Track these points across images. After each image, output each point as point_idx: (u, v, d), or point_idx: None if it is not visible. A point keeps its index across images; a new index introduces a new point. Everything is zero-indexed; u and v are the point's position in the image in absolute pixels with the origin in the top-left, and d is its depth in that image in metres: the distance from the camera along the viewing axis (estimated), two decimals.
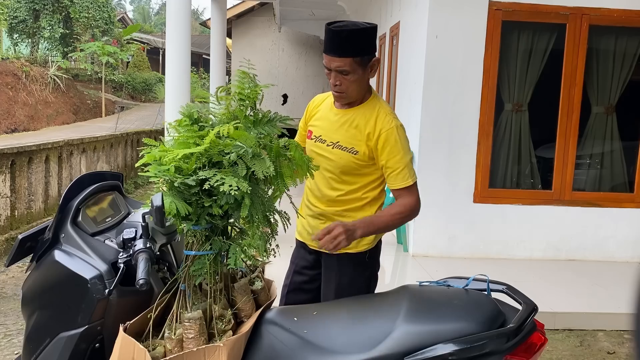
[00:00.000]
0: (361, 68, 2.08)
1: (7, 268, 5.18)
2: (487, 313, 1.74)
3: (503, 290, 1.94)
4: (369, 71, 2.12)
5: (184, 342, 1.64)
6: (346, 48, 2.04)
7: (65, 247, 1.84)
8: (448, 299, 1.83)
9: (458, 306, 1.79)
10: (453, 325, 1.65)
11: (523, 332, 1.69)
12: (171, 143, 1.77)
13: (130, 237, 1.79)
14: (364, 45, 2.07)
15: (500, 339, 1.65)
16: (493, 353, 1.63)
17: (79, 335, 1.77)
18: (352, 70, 2.06)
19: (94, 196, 2.00)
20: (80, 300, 1.78)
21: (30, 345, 1.87)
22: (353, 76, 2.07)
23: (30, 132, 13.74)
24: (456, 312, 1.75)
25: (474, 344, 1.61)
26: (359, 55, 2.06)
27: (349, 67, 2.05)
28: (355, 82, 2.09)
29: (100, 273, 1.77)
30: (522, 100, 5.33)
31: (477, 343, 1.61)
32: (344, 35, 2.04)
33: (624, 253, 5.30)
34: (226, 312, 1.74)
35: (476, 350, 1.61)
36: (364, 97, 2.20)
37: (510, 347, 1.65)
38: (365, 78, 2.12)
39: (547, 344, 1.82)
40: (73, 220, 1.89)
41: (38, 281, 1.90)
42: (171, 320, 1.70)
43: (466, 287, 1.92)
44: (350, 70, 2.06)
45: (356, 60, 2.05)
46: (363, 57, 2.07)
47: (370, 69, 2.12)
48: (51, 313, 1.85)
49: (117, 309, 1.79)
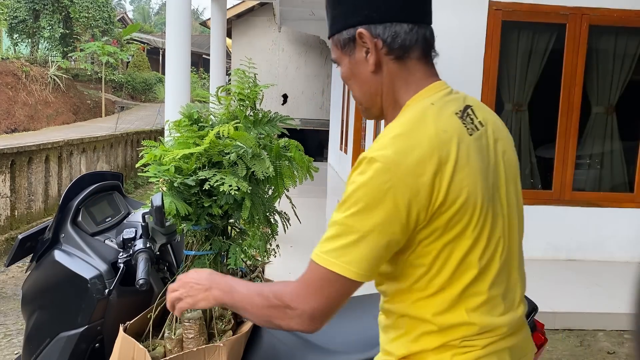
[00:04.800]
0: (345, 55, 1.18)
1: (7, 268, 5.17)
2: None
3: None
4: (358, 58, 1.16)
5: (183, 342, 1.64)
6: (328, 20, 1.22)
7: (65, 247, 1.84)
8: None
9: None
10: None
11: None
12: (171, 143, 1.77)
13: (130, 237, 1.78)
14: (338, 13, 1.18)
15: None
16: None
17: (79, 335, 1.77)
18: (338, 60, 1.22)
19: (94, 196, 2.00)
20: (80, 300, 1.78)
21: (30, 345, 1.87)
22: (343, 71, 1.22)
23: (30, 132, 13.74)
24: None
25: None
26: (334, 32, 1.19)
27: (334, 55, 1.22)
28: (352, 82, 1.20)
29: (100, 273, 1.77)
30: (522, 100, 5.33)
31: None
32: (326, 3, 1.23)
33: (624, 253, 5.30)
34: (226, 312, 1.74)
35: None
36: (388, 108, 1.20)
37: None
38: (363, 72, 1.17)
39: (547, 344, 1.81)
40: (73, 220, 1.88)
41: (38, 281, 1.90)
42: (171, 320, 1.70)
43: None
44: (337, 61, 1.22)
45: (334, 40, 1.20)
46: (341, 32, 1.17)
47: (356, 54, 1.16)
48: (51, 313, 1.85)
49: (117, 309, 1.79)
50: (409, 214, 1.03)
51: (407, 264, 1.11)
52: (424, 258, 1.08)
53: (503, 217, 1.15)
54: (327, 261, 1.06)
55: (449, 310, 1.09)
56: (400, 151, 1.04)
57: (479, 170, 1.09)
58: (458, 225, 1.06)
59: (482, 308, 1.10)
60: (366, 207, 1.03)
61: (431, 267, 1.08)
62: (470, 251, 1.08)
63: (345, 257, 1.05)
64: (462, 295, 1.09)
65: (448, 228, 1.06)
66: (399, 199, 1.02)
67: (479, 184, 1.08)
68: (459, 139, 1.08)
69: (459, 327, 1.10)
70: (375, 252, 1.05)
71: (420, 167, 1.03)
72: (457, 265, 1.08)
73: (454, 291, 1.09)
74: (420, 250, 1.08)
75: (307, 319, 1.10)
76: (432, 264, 1.08)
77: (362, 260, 1.05)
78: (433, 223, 1.05)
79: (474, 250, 1.08)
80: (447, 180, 1.04)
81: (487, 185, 1.10)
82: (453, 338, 1.10)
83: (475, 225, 1.07)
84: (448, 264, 1.08)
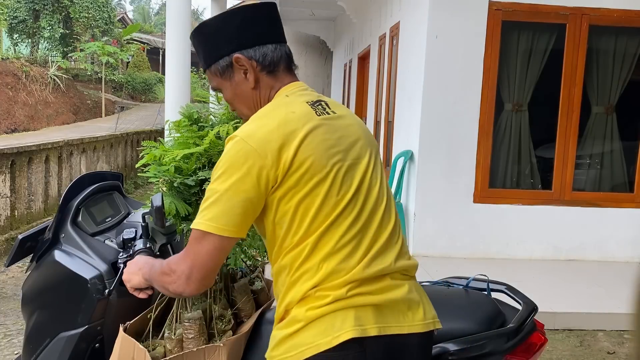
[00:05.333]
0: (225, 80, 1.44)
1: (7, 268, 5.18)
2: (486, 313, 1.73)
3: (503, 290, 1.94)
4: (238, 80, 1.42)
5: (184, 342, 1.64)
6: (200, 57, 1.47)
7: (65, 247, 1.85)
8: (448, 299, 1.82)
9: (458, 306, 1.79)
10: (452, 325, 1.63)
11: (523, 332, 1.69)
12: (171, 143, 1.77)
13: (130, 237, 1.78)
14: (209, 50, 1.43)
15: (500, 339, 1.65)
16: (493, 353, 1.63)
17: (79, 335, 1.77)
18: (219, 86, 1.47)
19: (94, 196, 2.00)
20: (80, 300, 1.78)
21: (30, 345, 1.87)
22: (227, 95, 1.47)
23: (30, 132, 13.74)
24: (456, 312, 1.74)
25: (473, 344, 1.61)
26: (211, 63, 1.44)
27: (214, 83, 1.47)
28: (237, 101, 1.46)
29: (100, 273, 1.77)
30: (522, 100, 5.33)
31: (476, 343, 1.61)
32: (193, 41, 1.48)
33: (624, 253, 5.30)
34: (226, 312, 1.74)
35: (476, 350, 1.61)
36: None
37: (510, 347, 1.65)
38: (245, 90, 1.42)
39: (547, 344, 1.82)
40: (73, 221, 1.89)
41: (38, 281, 1.90)
42: (171, 321, 1.70)
43: (466, 287, 1.92)
44: (218, 87, 1.48)
45: (212, 71, 1.45)
46: (217, 61, 1.42)
47: (235, 77, 1.42)
48: (51, 313, 1.85)
49: (117, 309, 1.80)
50: (259, 175, 1.25)
51: (274, 226, 1.31)
52: (285, 216, 1.29)
53: (360, 181, 1.34)
54: (196, 223, 1.27)
55: (307, 259, 1.28)
56: (255, 127, 1.30)
57: (327, 142, 1.31)
58: (308, 184, 1.27)
59: (334, 256, 1.27)
60: (225, 172, 1.26)
61: (292, 223, 1.29)
62: (321, 207, 1.27)
63: (208, 215, 1.26)
64: (317, 244, 1.28)
65: (299, 187, 1.27)
66: (250, 162, 1.25)
67: (326, 152, 1.30)
68: (306, 118, 1.32)
69: (313, 274, 1.27)
70: (232, 209, 1.25)
71: (268, 137, 1.27)
72: (312, 218, 1.28)
73: (310, 241, 1.28)
74: (281, 208, 1.29)
75: (185, 279, 1.29)
76: (292, 220, 1.28)
77: (221, 215, 1.25)
78: (285, 183, 1.27)
79: (324, 205, 1.28)
80: (294, 147, 1.26)
81: (337, 158, 1.32)
82: (309, 287, 1.27)
83: (324, 184, 1.28)
84: (305, 219, 1.28)
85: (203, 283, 1.29)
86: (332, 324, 1.25)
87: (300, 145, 1.27)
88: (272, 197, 1.28)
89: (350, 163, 1.34)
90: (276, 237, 1.32)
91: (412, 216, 5.19)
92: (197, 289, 1.30)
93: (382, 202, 1.39)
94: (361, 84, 9.61)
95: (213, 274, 1.31)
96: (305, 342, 1.26)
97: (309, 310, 1.26)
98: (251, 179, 1.25)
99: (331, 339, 1.24)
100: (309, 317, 1.26)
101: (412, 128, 5.43)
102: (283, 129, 1.28)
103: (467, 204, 5.23)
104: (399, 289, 1.33)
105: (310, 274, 1.27)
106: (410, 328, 1.31)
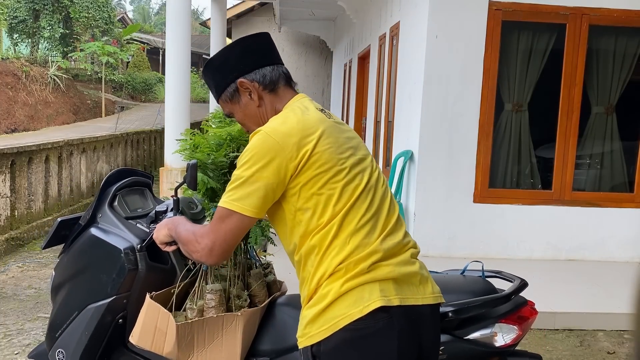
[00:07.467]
0: (234, 104, 1.67)
1: (7, 268, 5.18)
2: (481, 289, 1.97)
3: (497, 275, 2.17)
4: (245, 102, 1.66)
5: (204, 312, 1.80)
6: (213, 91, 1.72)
7: (102, 225, 2.04)
8: (447, 280, 2.01)
9: (456, 284, 2.01)
10: (450, 296, 1.78)
11: (513, 301, 1.93)
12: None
13: (162, 210, 1.99)
14: (218, 80, 1.67)
15: (493, 302, 1.89)
16: (487, 317, 1.88)
17: (106, 306, 1.94)
18: (231, 112, 1.71)
19: (129, 188, 2.18)
20: (112, 270, 1.95)
21: (57, 321, 2.03)
22: (239, 117, 1.70)
23: (30, 132, 13.74)
24: (454, 288, 1.94)
25: (470, 306, 1.84)
26: (221, 92, 1.68)
27: (227, 110, 1.71)
28: (247, 120, 1.69)
29: (133, 245, 1.96)
30: (522, 100, 5.33)
31: (472, 305, 1.85)
32: (204, 78, 1.74)
33: (624, 253, 5.30)
34: (243, 293, 1.91)
35: (472, 311, 1.85)
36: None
37: (502, 313, 1.90)
38: (252, 109, 1.65)
39: (537, 316, 2.02)
40: (110, 204, 2.09)
41: (72, 258, 2.07)
42: (194, 294, 1.85)
43: (462, 273, 2.15)
44: (230, 113, 1.72)
45: (223, 99, 1.68)
46: (225, 90, 1.66)
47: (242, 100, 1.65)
48: (83, 284, 2.02)
49: (143, 283, 1.95)
50: (280, 164, 1.46)
51: (296, 211, 1.50)
52: (309, 201, 1.48)
53: (370, 175, 1.56)
54: (222, 202, 1.50)
55: (336, 236, 1.47)
56: (277, 124, 1.52)
57: (339, 139, 1.54)
58: (328, 173, 1.48)
59: (358, 233, 1.47)
60: (249, 160, 1.48)
61: (317, 206, 1.48)
62: (342, 192, 1.48)
63: (233, 196, 1.48)
64: (342, 223, 1.47)
65: (320, 175, 1.47)
66: (272, 153, 1.46)
67: (341, 147, 1.53)
68: (320, 120, 1.54)
69: (341, 248, 1.46)
70: (255, 192, 1.46)
71: (289, 132, 1.48)
72: (335, 202, 1.47)
73: (336, 221, 1.47)
74: (303, 194, 1.48)
75: (208, 251, 1.51)
76: (317, 204, 1.48)
77: (245, 197, 1.47)
78: (305, 172, 1.47)
79: (345, 191, 1.48)
80: (313, 142, 1.48)
81: (349, 153, 1.54)
82: (339, 261, 1.45)
83: (341, 173, 1.49)
84: (330, 203, 1.47)
85: (223, 256, 1.52)
86: (360, 296, 1.43)
87: (319, 139, 1.49)
88: (294, 184, 1.48)
89: (360, 158, 1.57)
90: (299, 222, 1.51)
91: (412, 216, 5.20)
92: (217, 261, 1.54)
93: (387, 195, 1.60)
94: (361, 84, 9.62)
95: (232, 249, 1.53)
96: (338, 313, 1.44)
97: (343, 284, 1.44)
98: (272, 167, 1.46)
99: (362, 308, 1.42)
100: (339, 292, 1.44)
101: (412, 128, 5.44)
102: (302, 125, 1.50)
103: (467, 203, 5.23)
104: (412, 265, 1.55)
105: (338, 248, 1.46)
106: (424, 300, 1.52)
